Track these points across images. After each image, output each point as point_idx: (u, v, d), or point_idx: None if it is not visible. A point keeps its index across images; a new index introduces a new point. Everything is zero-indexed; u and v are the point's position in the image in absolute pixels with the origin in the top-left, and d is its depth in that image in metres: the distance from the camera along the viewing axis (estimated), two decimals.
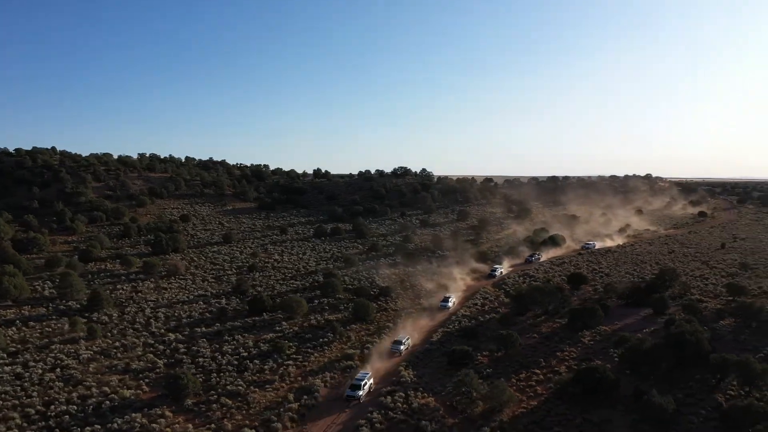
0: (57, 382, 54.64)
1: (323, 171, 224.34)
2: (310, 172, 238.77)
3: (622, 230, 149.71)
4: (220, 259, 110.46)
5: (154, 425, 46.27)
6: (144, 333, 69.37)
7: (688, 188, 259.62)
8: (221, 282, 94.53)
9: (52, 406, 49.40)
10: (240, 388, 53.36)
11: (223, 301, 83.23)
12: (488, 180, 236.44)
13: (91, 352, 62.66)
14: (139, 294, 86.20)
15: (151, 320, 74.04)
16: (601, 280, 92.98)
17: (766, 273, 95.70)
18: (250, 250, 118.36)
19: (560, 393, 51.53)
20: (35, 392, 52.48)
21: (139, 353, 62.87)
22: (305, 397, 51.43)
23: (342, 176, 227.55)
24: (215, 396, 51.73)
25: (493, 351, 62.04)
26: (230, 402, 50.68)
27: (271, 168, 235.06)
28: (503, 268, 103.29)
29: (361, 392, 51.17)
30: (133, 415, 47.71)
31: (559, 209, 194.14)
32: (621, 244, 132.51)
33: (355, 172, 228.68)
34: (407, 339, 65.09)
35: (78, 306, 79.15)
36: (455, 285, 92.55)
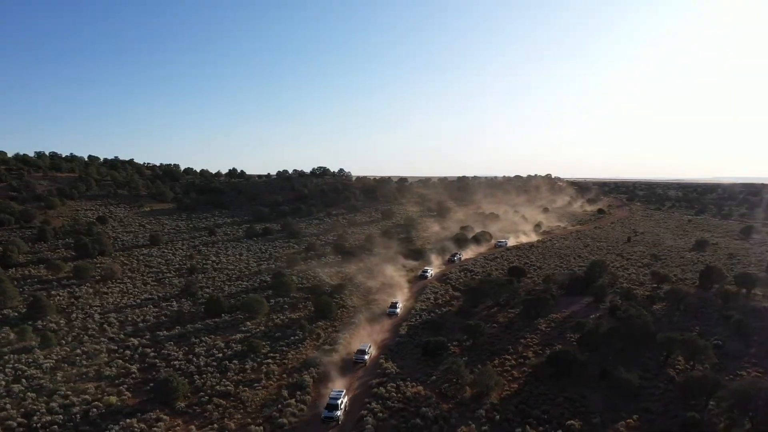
0: (29, 393, 51.67)
1: (239, 171, 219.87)
2: (220, 171, 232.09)
3: (537, 226, 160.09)
4: (154, 262, 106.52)
5: (155, 429, 45.47)
6: (102, 339, 66.41)
7: (583, 187, 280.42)
8: (164, 285, 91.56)
9: (35, 417, 46.98)
10: (229, 388, 53.17)
11: (174, 304, 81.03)
12: (403, 180, 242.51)
13: (53, 361, 59.38)
14: (80, 300, 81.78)
15: (105, 326, 70.84)
16: (535, 272, 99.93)
17: (674, 262, 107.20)
18: (182, 252, 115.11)
19: (536, 375, 55.97)
20: (8, 404, 49.49)
21: (106, 359, 60.41)
22: (299, 392, 52.38)
23: (259, 176, 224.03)
24: (206, 397, 51.30)
25: (462, 341, 65.73)
26: (224, 402, 50.56)
27: (181, 168, 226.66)
28: (432, 269, 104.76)
29: (338, 412, 47.66)
30: (128, 420, 46.46)
31: (473, 208, 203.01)
32: (540, 239, 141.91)
33: (265, 173, 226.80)
34: (370, 347, 63.29)
35: (15, 314, 74.09)
36: (398, 282, 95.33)
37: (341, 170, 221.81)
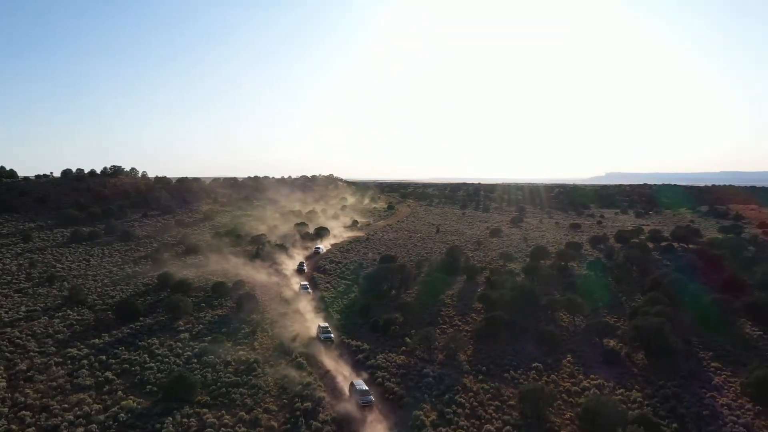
0: (22, 412, 46.80)
1: (8, 169, 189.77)
2: None
3: (354, 223, 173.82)
4: None
5: (208, 420, 46.33)
6: (32, 354, 59.96)
7: (362, 187, 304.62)
8: (32, 296, 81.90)
9: None
10: (234, 379, 54.77)
11: (70, 313, 74.36)
12: (195, 179, 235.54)
13: (4, 380, 53.07)
14: None
15: (18, 341, 63.37)
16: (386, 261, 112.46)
17: (492, 246, 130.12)
18: (10, 261, 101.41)
19: (479, 337, 68.28)
20: (14, 425, 44.72)
21: (63, 372, 55.75)
22: (304, 373, 56.53)
23: (38, 176, 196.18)
24: (223, 389, 52.49)
25: (397, 318, 75.00)
26: (244, 391, 52.51)
27: None
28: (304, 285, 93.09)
29: None
30: (170, 418, 46.32)
31: (279, 207, 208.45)
32: (366, 234, 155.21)
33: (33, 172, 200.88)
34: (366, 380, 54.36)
35: None
36: (275, 280, 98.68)
37: (133, 169, 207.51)
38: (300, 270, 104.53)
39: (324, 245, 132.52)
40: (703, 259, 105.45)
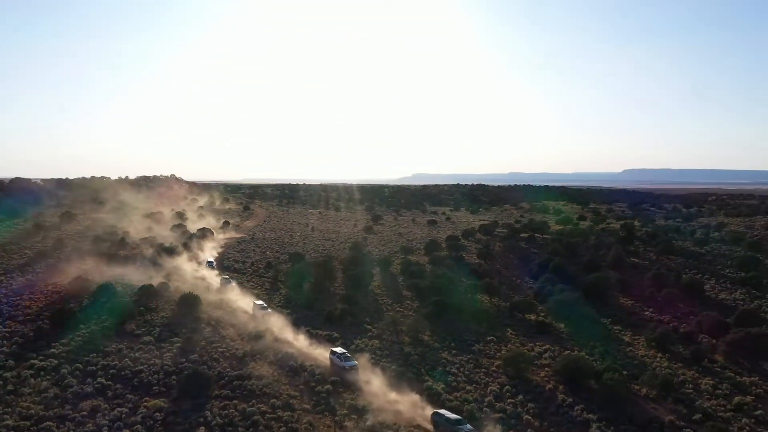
0: (45, 423, 44.48)
1: None
2: None
3: (225, 224, 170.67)
4: None
5: (250, 410, 48.25)
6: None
7: (206, 188, 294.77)
8: None
9: None
10: (239, 372, 56.32)
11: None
12: (27, 180, 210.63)
13: None
14: None
15: None
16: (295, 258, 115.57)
17: (375, 242, 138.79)
18: None
19: (428, 319, 75.97)
20: None
21: (48, 383, 52.50)
22: (290, 362, 59.65)
23: None
24: (235, 383, 53.91)
25: (347, 308, 79.70)
26: (257, 381, 54.43)
27: None
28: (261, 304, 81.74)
29: None
30: (208, 412, 47.49)
31: (134, 209, 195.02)
32: (246, 234, 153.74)
33: None
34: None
35: None
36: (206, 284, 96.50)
37: None
38: (226, 282, 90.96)
39: (209, 246, 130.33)
40: (563, 246, 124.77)
